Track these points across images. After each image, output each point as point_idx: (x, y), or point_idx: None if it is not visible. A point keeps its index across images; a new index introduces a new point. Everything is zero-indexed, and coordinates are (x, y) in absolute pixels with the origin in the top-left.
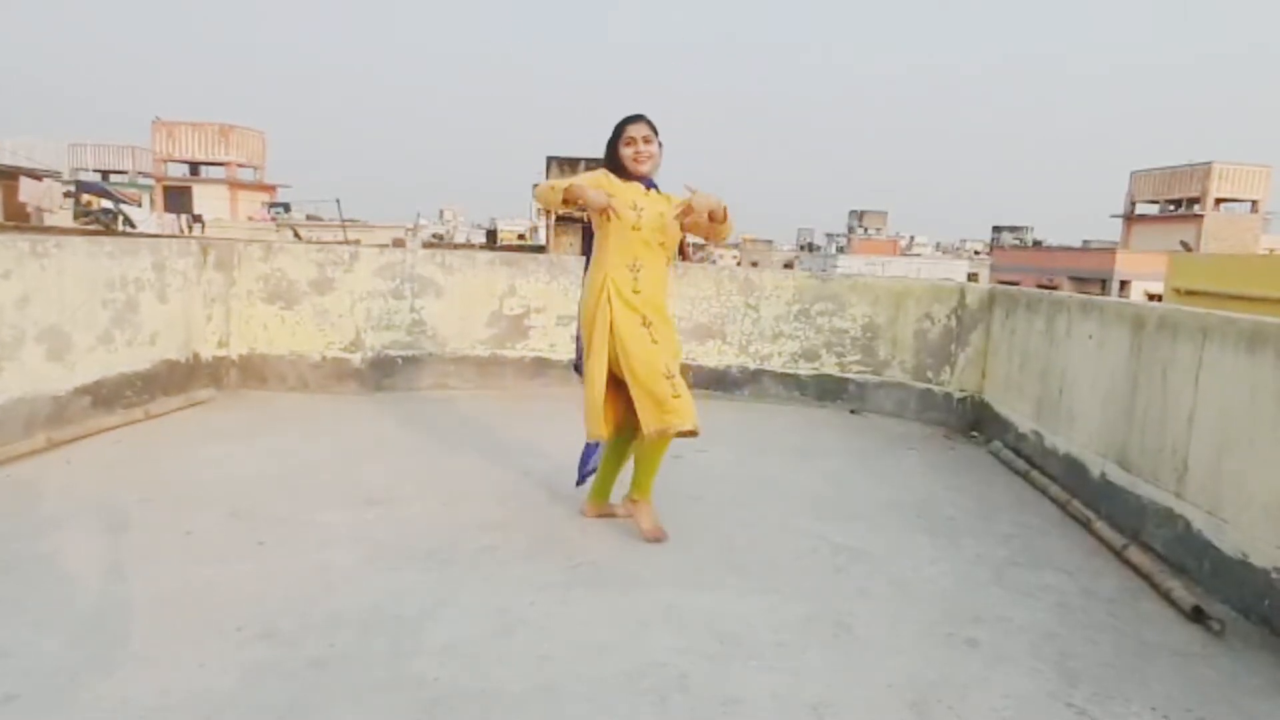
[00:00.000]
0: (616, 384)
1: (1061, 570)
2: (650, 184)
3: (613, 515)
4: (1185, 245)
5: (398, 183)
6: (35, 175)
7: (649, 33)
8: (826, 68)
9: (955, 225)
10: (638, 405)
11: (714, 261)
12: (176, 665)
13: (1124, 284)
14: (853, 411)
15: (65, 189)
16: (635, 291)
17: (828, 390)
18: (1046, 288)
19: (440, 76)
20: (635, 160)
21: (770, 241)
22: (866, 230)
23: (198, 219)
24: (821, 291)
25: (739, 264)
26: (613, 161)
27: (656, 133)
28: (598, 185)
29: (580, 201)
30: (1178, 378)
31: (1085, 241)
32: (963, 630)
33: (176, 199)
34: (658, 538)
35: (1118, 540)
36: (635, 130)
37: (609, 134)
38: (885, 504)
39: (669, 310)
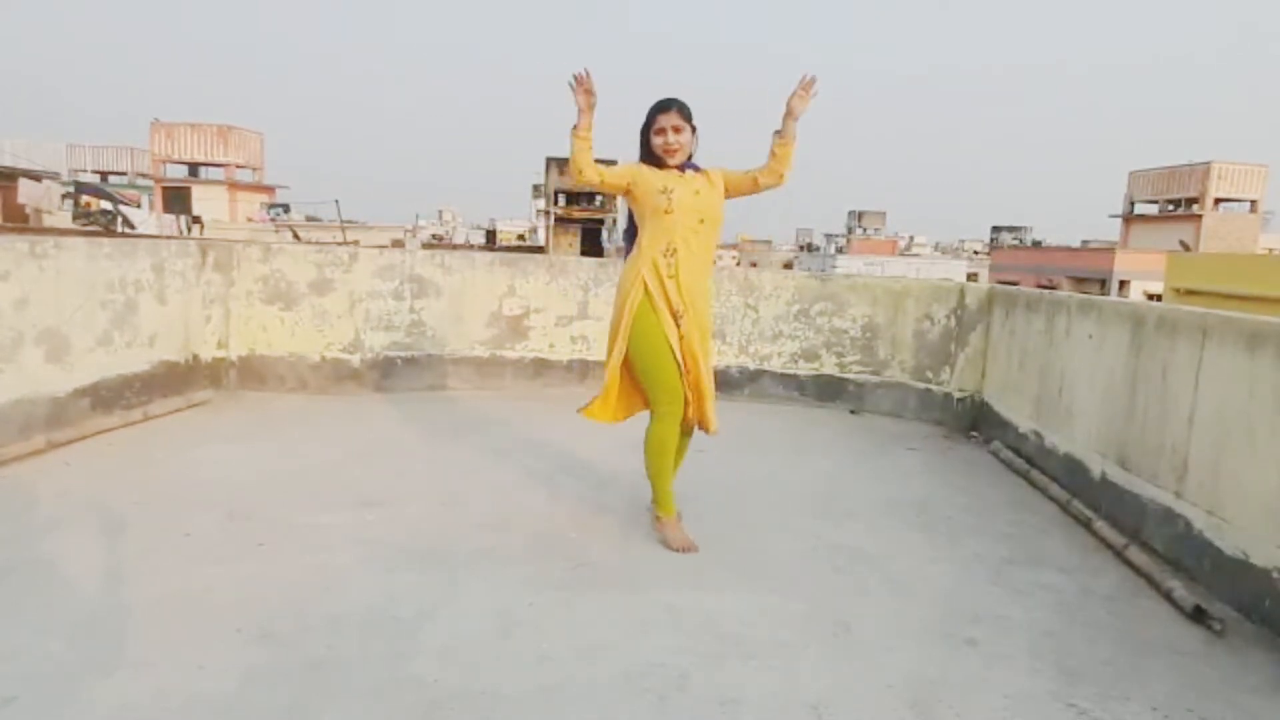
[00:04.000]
0: (632, 374)
1: (1061, 569)
2: (688, 166)
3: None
4: (1184, 245)
5: (397, 184)
6: (34, 176)
7: (647, 32)
8: (826, 68)
9: (954, 225)
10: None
11: (713, 262)
12: (175, 667)
13: (1123, 284)
14: (852, 411)
15: (64, 190)
16: (670, 277)
17: (827, 390)
18: (1046, 287)
19: (439, 77)
20: (665, 151)
21: (769, 242)
22: (865, 230)
23: (197, 220)
24: (821, 292)
25: (738, 264)
26: (646, 150)
27: (689, 118)
28: (629, 175)
29: (584, 125)
30: (1177, 377)
31: (1084, 241)
32: (962, 629)
33: (175, 200)
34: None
35: (1118, 539)
36: (665, 119)
37: (642, 119)
38: (885, 504)
39: (710, 293)
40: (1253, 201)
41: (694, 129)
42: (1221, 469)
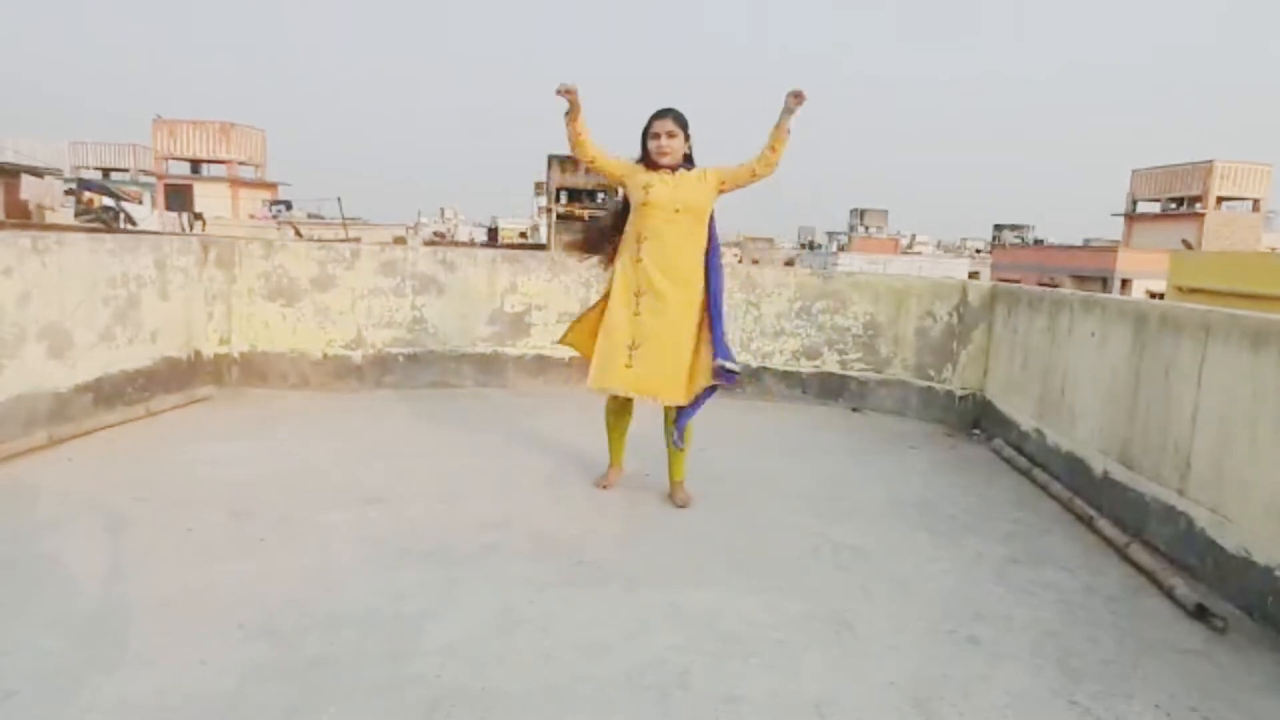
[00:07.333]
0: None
1: (1063, 568)
2: (683, 167)
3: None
4: (1186, 244)
5: (399, 181)
6: (37, 173)
7: (648, 31)
8: (828, 68)
9: (956, 224)
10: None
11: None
12: (177, 664)
13: (1125, 282)
14: (854, 410)
15: (66, 187)
16: (637, 260)
17: (829, 388)
18: (1048, 286)
19: (441, 75)
20: (658, 153)
21: (771, 239)
22: (867, 229)
23: (199, 217)
24: (823, 289)
25: (740, 261)
26: (644, 151)
27: (683, 125)
28: (622, 168)
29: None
30: (1180, 375)
31: (1086, 240)
32: (964, 628)
33: (178, 197)
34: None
35: (1120, 538)
36: (659, 125)
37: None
38: (886, 502)
39: (685, 276)
40: (1255, 200)
41: (688, 136)
42: (1224, 467)
